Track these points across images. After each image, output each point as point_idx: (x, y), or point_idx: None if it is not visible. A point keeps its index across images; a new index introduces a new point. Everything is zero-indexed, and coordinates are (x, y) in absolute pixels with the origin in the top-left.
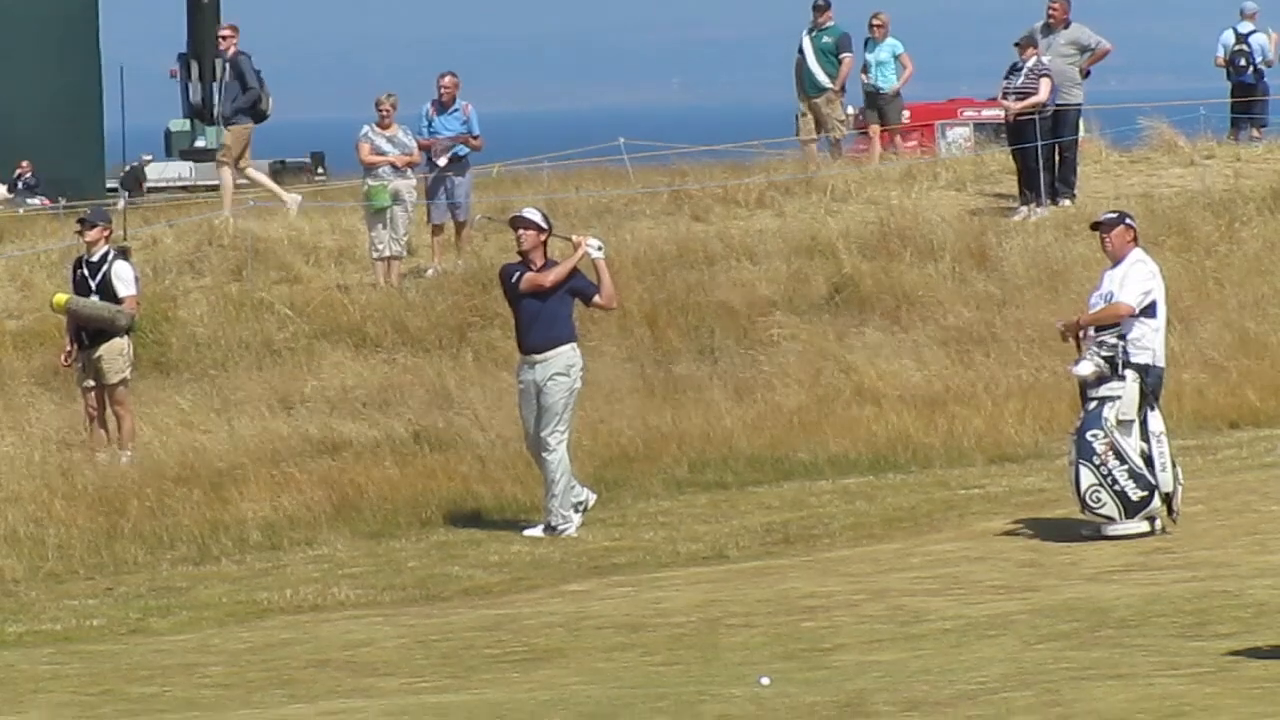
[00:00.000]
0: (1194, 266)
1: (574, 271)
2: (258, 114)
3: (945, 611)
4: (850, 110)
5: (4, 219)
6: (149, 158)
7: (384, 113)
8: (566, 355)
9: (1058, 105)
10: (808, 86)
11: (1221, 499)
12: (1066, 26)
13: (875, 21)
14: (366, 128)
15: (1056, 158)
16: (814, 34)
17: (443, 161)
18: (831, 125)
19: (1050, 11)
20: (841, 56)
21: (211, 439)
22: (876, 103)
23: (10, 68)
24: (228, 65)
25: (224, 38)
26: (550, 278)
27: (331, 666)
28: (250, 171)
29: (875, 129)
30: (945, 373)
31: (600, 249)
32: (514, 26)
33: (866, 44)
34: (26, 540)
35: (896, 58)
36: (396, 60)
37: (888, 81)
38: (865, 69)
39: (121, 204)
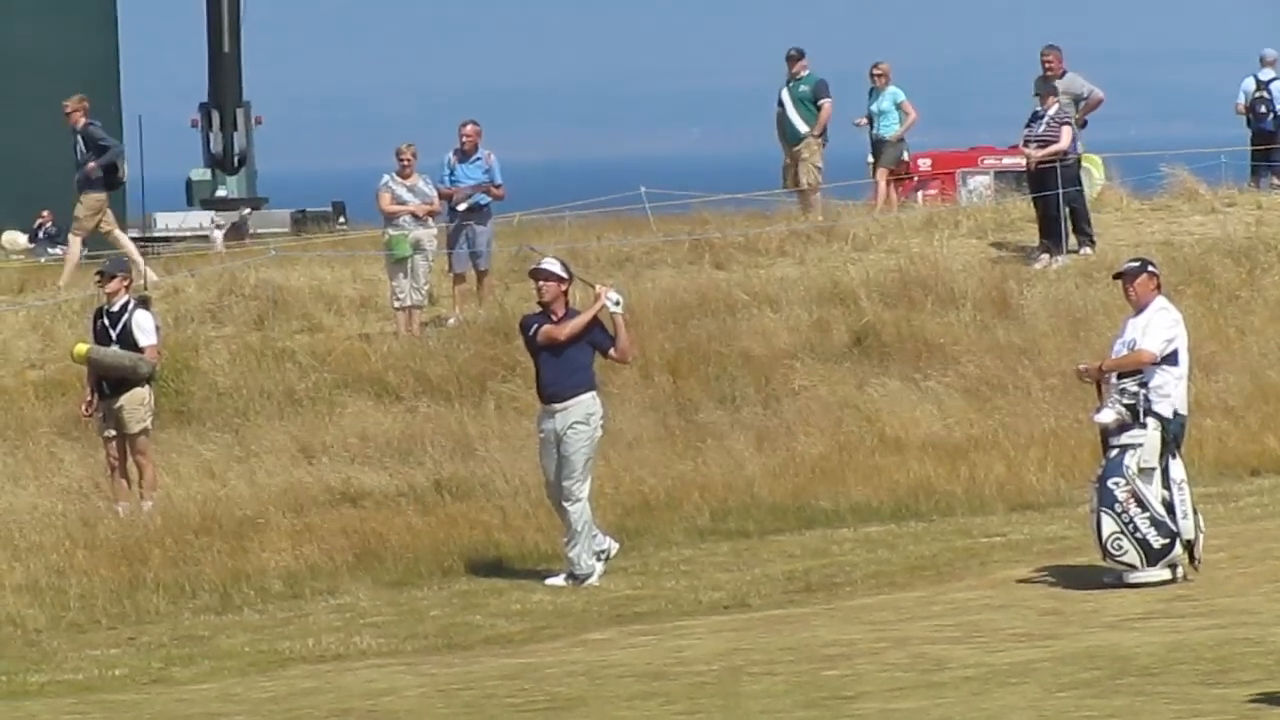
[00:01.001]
0: (1215, 314)
1: (591, 323)
2: (113, 182)
3: (967, 659)
4: (869, 160)
5: (25, 269)
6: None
7: (405, 162)
8: (586, 404)
9: None
10: (789, 135)
11: (1243, 546)
12: (1061, 77)
13: (876, 71)
14: (387, 177)
15: (1066, 209)
16: (791, 84)
17: (462, 207)
18: (806, 170)
19: (1046, 63)
20: (820, 103)
21: (233, 488)
22: (880, 150)
23: (31, 117)
24: (79, 137)
25: (70, 112)
26: (565, 332)
27: (354, 716)
28: (115, 234)
29: (883, 173)
30: (967, 421)
31: (618, 304)
32: (533, 76)
33: (870, 94)
34: (49, 590)
35: (898, 105)
36: (417, 109)
37: (890, 129)
38: (870, 119)
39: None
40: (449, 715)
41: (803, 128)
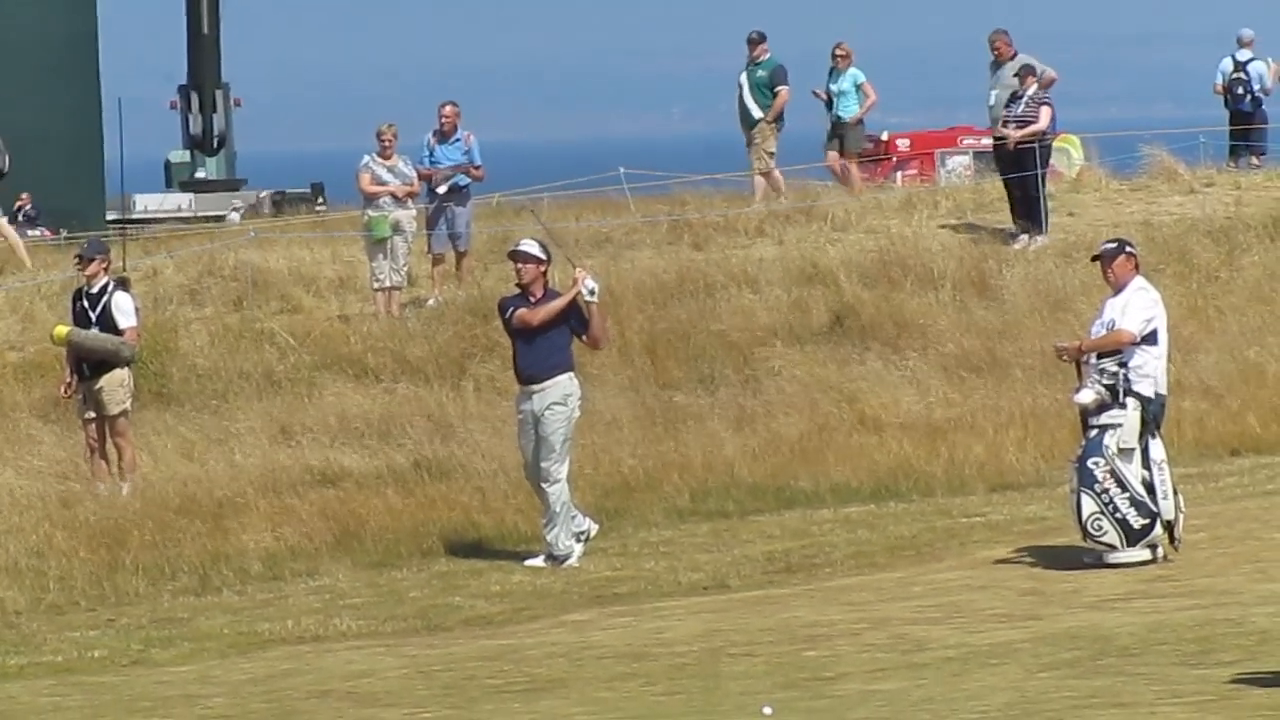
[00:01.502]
0: (1194, 294)
1: (568, 307)
2: None
3: (947, 640)
4: (825, 141)
5: (4, 251)
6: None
7: (385, 143)
8: (564, 385)
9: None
10: (745, 121)
11: (1223, 527)
12: (1012, 59)
13: (838, 52)
14: (367, 158)
15: (1019, 192)
16: (750, 69)
17: (442, 190)
18: (758, 156)
19: (995, 47)
20: (776, 89)
21: (212, 470)
22: (840, 132)
23: (9, 99)
24: None
25: None
26: (538, 317)
27: (333, 697)
28: None
29: (834, 156)
30: (946, 401)
31: (593, 293)
32: (515, 57)
33: (831, 74)
34: (28, 572)
35: (858, 87)
36: (397, 90)
37: (849, 111)
38: (829, 99)
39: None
40: (429, 697)
41: (757, 113)
